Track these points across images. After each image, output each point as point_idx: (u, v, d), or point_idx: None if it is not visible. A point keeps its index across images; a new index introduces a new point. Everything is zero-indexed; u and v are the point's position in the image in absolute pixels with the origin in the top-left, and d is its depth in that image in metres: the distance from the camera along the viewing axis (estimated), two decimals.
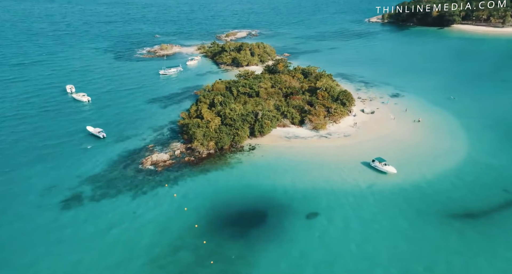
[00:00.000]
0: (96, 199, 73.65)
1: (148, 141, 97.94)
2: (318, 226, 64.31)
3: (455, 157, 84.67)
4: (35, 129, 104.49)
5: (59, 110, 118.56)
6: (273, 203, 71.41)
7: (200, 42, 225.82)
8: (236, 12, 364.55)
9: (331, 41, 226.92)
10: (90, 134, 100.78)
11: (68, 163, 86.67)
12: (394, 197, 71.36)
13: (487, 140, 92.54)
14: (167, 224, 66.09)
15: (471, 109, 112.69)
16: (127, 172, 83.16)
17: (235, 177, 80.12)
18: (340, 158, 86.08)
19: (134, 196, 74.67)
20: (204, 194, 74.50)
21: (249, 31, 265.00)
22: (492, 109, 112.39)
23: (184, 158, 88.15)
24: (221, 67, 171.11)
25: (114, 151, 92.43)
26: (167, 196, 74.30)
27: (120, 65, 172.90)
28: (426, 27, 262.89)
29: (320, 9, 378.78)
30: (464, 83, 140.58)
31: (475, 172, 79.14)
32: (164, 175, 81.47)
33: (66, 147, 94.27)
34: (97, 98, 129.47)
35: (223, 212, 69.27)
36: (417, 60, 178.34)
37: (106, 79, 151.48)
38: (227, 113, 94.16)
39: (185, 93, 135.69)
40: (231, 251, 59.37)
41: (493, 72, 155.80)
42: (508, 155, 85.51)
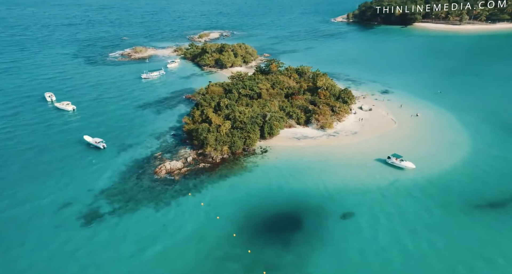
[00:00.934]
0: (117, 214, 69.22)
1: (154, 149, 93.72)
2: (357, 226, 64.31)
3: (463, 149, 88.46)
4: (26, 143, 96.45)
5: (46, 121, 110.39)
6: (302, 205, 70.64)
7: (174, 44, 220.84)
8: (203, 13, 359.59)
9: (306, 41, 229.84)
10: (88, 144, 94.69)
11: (75, 177, 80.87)
12: (423, 191, 73.01)
13: (485, 132, 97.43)
14: (203, 234, 63.41)
15: (459, 102, 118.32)
16: (143, 182, 78.99)
17: (256, 182, 78.47)
18: (354, 156, 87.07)
19: (157, 207, 71.05)
20: (230, 200, 72.35)
21: (221, 32, 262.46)
22: (478, 102, 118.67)
23: (198, 164, 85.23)
24: (204, 69, 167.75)
25: (120, 161, 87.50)
26: (193, 205, 71.33)
27: (96, 70, 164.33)
28: (390, 26, 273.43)
29: (286, 10, 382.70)
30: (443, 78, 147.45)
31: (489, 163, 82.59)
32: (182, 184, 78.23)
33: (68, 161, 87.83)
34: (82, 106, 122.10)
35: (255, 218, 67.54)
36: (394, 57, 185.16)
37: (86, 86, 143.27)
38: (237, 116, 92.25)
39: (175, 98, 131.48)
40: (277, 259, 57.78)
41: (464, 67, 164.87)
42: (510, 145, 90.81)
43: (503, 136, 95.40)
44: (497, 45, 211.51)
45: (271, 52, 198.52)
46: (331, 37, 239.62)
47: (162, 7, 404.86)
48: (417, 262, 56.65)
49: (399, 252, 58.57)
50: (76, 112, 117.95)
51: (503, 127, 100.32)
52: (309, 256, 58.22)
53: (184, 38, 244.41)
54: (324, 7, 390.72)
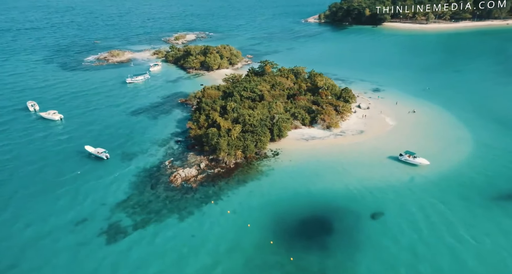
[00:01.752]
0: (141, 227, 65.72)
1: (160, 156, 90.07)
2: (390, 225, 64.44)
3: (466, 143, 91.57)
4: (25, 158, 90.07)
5: (36, 133, 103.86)
6: (328, 207, 70.18)
7: (150, 47, 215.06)
8: (173, 14, 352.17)
9: (285, 41, 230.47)
10: (90, 155, 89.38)
11: (86, 192, 76.00)
12: (442, 186, 74.67)
13: (482, 125, 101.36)
14: (237, 243, 61.41)
15: (449, 98, 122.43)
16: (159, 192, 75.54)
17: (275, 186, 77.04)
18: (366, 155, 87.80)
19: (181, 218, 68.17)
20: (255, 207, 70.61)
21: (196, 33, 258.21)
22: (466, 97, 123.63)
23: (213, 170, 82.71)
24: (189, 72, 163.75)
25: (128, 172, 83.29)
26: (218, 213, 68.99)
27: (76, 77, 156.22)
28: (361, 26, 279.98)
29: (256, 11, 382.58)
30: (426, 75, 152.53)
31: (494, 155, 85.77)
32: (201, 192, 75.55)
33: (73, 174, 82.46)
34: (71, 115, 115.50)
35: (285, 223, 66.28)
36: (374, 56, 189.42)
37: (69, 93, 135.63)
38: (247, 119, 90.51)
39: (167, 102, 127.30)
40: (321, 265, 56.62)
41: (442, 63, 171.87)
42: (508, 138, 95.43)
43: (499, 129, 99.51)
44: (466, 42, 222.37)
45: (253, 53, 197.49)
46: (310, 38, 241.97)
47: (128, 9, 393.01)
48: (467, 256, 57.54)
49: (445, 246, 59.33)
50: (64, 122, 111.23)
51: (496, 120, 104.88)
52: (352, 260, 57.52)
53: (159, 40, 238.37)
54: (292, 8, 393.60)
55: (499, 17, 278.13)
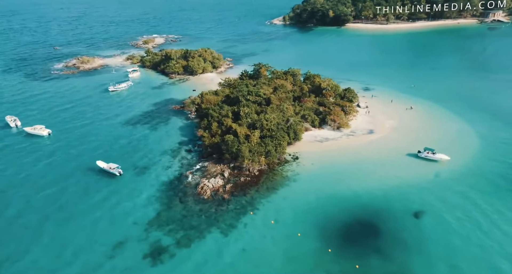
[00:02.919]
0: (185, 245, 61.57)
1: (176, 168, 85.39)
2: (438, 223, 65.08)
3: (472, 136, 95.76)
4: (31, 182, 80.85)
5: (28, 152, 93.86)
6: (367, 208, 69.48)
7: (119, 52, 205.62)
8: (134, 17, 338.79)
9: (258, 43, 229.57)
10: (102, 171, 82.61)
11: (110, 211, 70.02)
12: (470, 178, 77.23)
13: (478, 118, 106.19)
14: (294, 255, 58.92)
15: (437, 94, 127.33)
16: (190, 206, 71.39)
17: (307, 191, 75.37)
18: (384, 154, 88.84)
19: (223, 232, 64.73)
20: (296, 214, 68.26)
21: (164, 36, 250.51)
22: (452, 91, 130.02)
23: (239, 179, 79.75)
24: (172, 77, 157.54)
25: (149, 186, 78.06)
26: (261, 224, 66.30)
27: (50, 87, 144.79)
28: (326, 27, 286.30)
29: (219, 13, 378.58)
30: (405, 73, 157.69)
31: (502, 144, 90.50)
32: (235, 202, 72.39)
33: (91, 194, 75.73)
34: (58, 130, 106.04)
35: (332, 229, 64.59)
36: (350, 56, 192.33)
37: (49, 105, 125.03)
38: (265, 124, 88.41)
39: (160, 110, 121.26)
40: (385, 271, 55.73)
41: (416, 61, 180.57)
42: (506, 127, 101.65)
43: (492, 119, 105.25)
44: (429, 41, 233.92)
45: (230, 56, 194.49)
46: (281, 40, 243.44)
47: (82, 12, 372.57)
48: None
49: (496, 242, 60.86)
50: (53, 137, 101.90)
51: (485, 111, 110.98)
52: (414, 263, 57.06)
53: (126, 44, 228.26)
54: (254, 10, 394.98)
55: (450, 17, 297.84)
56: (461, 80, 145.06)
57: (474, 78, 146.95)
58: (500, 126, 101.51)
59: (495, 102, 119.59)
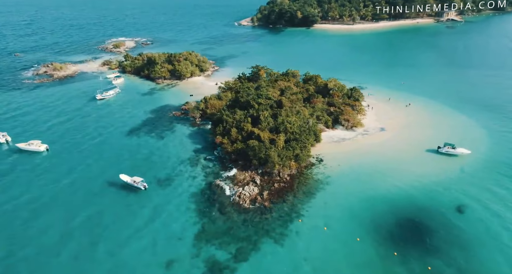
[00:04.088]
0: (243, 259, 58.82)
1: (201, 177, 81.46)
2: (480, 215, 67.10)
3: (479, 128, 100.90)
4: (55, 205, 73.41)
5: (37, 170, 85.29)
6: (411, 207, 69.80)
7: (90, 57, 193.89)
8: (96, 20, 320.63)
9: (234, 45, 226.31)
10: (126, 185, 76.70)
11: (150, 230, 65.08)
12: (497, 170, 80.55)
13: (473, 110, 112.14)
14: (360, 261, 57.86)
15: (427, 90, 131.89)
16: (233, 216, 68.30)
17: (345, 193, 74.51)
18: (405, 151, 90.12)
19: (277, 241, 62.50)
20: (345, 219, 67.20)
21: (134, 39, 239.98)
22: (440, 87, 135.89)
23: (272, 185, 77.47)
24: (159, 83, 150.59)
25: (180, 199, 73.87)
26: (314, 231, 64.55)
27: (30, 98, 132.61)
28: (295, 28, 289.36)
29: (184, 15, 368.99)
30: (389, 71, 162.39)
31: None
32: (277, 210, 70.19)
33: (124, 213, 70.38)
34: (56, 145, 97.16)
35: (386, 230, 64.10)
36: (330, 56, 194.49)
37: (35, 118, 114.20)
38: (289, 127, 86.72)
39: (160, 117, 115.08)
40: (459, 271, 56.29)
41: (395, 59, 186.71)
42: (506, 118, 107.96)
43: (491, 112, 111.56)
44: (397, 39, 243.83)
45: (211, 58, 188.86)
46: (256, 41, 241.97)
47: (33, 16, 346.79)
48: None
49: None
50: (52, 152, 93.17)
51: (478, 104, 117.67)
52: (475, 259, 57.95)
53: (94, 49, 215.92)
54: (218, 11, 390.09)
55: (409, 17, 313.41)
56: (444, 76, 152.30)
57: (454, 74, 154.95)
58: (497, 117, 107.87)
59: (482, 95, 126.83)
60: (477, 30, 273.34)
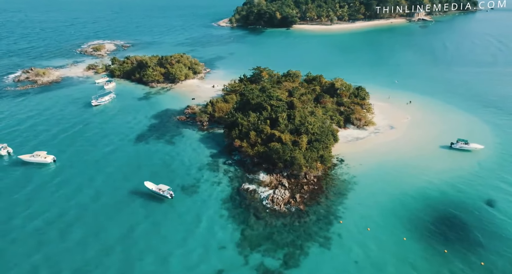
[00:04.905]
0: (294, 265, 57.67)
1: (226, 182, 79.41)
2: None
3: (482, 123, 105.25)
4: (87, 220, 68.97)
5: (50, 184, 79.71)
6: (443, 203, 71.01)
7: (71, 61, 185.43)
8: (66, 22, 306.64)
9: (218, 46, 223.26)
10: (152, 193, 73.31)
11: (189, 240, 62.42)
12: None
13: (471, 106, 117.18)
14: (411, 261, 57.83)
15: (420, 87, 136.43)
16: (270, 221, 67.02)
17: (377, 193, 74.56)
18: (420, 148, 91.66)
19: (323, 245, 61.73)
20: (384, 218, 67.24)
21: (114, 42, 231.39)
22: (432, 84, 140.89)
23: (302, 187, 76.66)
24: (153, 86, 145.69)
25: (211, 206, 71.75)
26: (357, 232, 64.12)
27: (20, 106, 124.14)
28: (274, 29, 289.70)
29: (160, 17, 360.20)
30: (378, 69, 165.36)
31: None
32: (313, 213, 69.43)
33: (158, 223, 67.37)
34: (62, 155, 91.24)
35: (427, 229, 64.46)
36: (317, 56, 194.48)
37: (31, 128, 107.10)
38: (310, 128, 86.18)
39: (165, 123, 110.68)
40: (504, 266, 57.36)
41: (380, 58, 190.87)
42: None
43: (488, 107, 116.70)
44: (376, 39, 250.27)
45: (199, 61, 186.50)
46: (239, 42, 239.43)
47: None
48: None
49: None
50: (60, 163, 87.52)
51: (473, 100, 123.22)
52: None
53: (73, 52, 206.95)
54: (193, 13, 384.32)
55: (383, 17, 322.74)
56: (434, 74, 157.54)
57: (443, 72, 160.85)
58: (497, 112, 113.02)
59: (476, 92, 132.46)
60: (449, 28, 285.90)
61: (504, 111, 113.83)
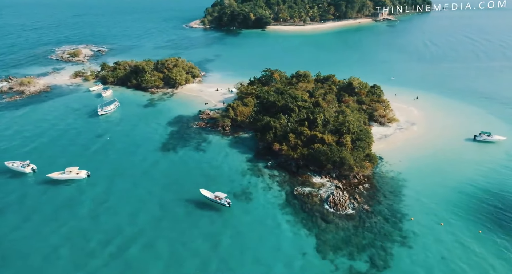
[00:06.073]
0: (383, 266, 57.32)
1: (277, 187, 77.66)
2: None
3: (492, 115, 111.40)
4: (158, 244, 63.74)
5: (84, 201, 73.53)
6: (499, 193, 73.92)
7: (50, 68, 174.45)
8: (28, 27, 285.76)
9: (201, 49, 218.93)
10: (208, 201, 70.27)
11: (264, 248, 60.42)
12: None
13: (475, 100, 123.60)
14: (495, 252, 59.74)
15: (416, 83, 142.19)
16: (340, 224, 66.41)
17: (431, 187, 76.33)
18: (447, 142, 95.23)
19: (403, 244, 61.74)
20: (450, 212, 68.58)
21: (86, 47, 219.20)
22: (427, 80, 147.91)
23: (356, 187, 76.74)
24: (154, 92, 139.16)
25: (272, 213, 69.89)
26: (431, 228, 64.78)
27: (17, 120, 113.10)
28: (249, 30, 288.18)
29: (129, 19, 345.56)
30: (369, 67, 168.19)
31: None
32: (379, 211, 69.55)
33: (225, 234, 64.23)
34: (94, 169, 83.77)
35: (495, 220, 66.76)
36: (302, 56, 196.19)
37: (44, 143, 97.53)
38: (351, 127, 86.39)
39: (184, 129, 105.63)
40: None
41: (365, 56, 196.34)
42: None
43: (488, 100, 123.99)
44: (353, 38, 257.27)
45: None
46: (220, 44, 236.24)
47: None
48: None
49: None
50: (95, 178, 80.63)
51: (476, 94, 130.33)
52: None
53: (48, 59, 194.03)
54: (159, 15, 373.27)
55: (351, 17, 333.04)
56: (425, 71, 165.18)
57: (433, 69, 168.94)
58: (496, 104, 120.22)
59: (474, 86, 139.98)
60: (416, 27, 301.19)
61: (505, 104, 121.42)
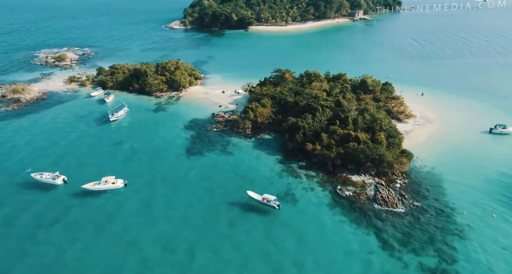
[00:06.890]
0: (454, 260, 58.01)
1: (318, 188, 77.11)
2: None
3: (497, 108, 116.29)
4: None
5: (133, 211, 69.73)
6: None
7: (38, 74, 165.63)
8: (5, 30, 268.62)
9: (190, 50, 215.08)
10: (257, 203, 69.25)
11: (328, 250, 60.13)
12: None
13: (476, 94, 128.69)
14: None
15: (415, 80, 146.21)
16: (395, 221, 66.83)
17: (470, 180, 78.61)
18: (466, 136, 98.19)
19: (462, 237, 62.77)
20: (496, 203, 70.97)
21: (69, 50, 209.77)
22: (424, 77, 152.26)
23: (400, 184, 77.63)
24: (158, 96, 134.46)
25: (324, 214, 69.30)
26: (484, 220, 66.49)
27: (32, 129, 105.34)
28: (232, 30, 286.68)
29: (105, 20, 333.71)
30: (365, 65, 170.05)
31: None
32: (428, 207, 70.47)
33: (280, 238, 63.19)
34: (129, 178, 79.33)
35: None
36: (294, 55, 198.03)
37: (65, 152, 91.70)
38: (384, 125, 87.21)
39: (204, 133, 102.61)
40: None
41: (358, 55, 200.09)
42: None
43: (489, 95, 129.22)
44: (337, 37, 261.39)
45: None
46: (208, 45, 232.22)
47: None
48: None
49: None
50: (133, 187, 76.45)
51: (477, 89, 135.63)
52: None
53: (30, 64, 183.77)
54: (135, 16, 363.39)
55: (330, 17, 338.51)
56: (421, 68, 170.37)
57: (427, 65, 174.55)
58: (496, 97, 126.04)
59: (473, 82, 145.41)
60: (395, 26, 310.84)
61: (505, 98, 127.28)
